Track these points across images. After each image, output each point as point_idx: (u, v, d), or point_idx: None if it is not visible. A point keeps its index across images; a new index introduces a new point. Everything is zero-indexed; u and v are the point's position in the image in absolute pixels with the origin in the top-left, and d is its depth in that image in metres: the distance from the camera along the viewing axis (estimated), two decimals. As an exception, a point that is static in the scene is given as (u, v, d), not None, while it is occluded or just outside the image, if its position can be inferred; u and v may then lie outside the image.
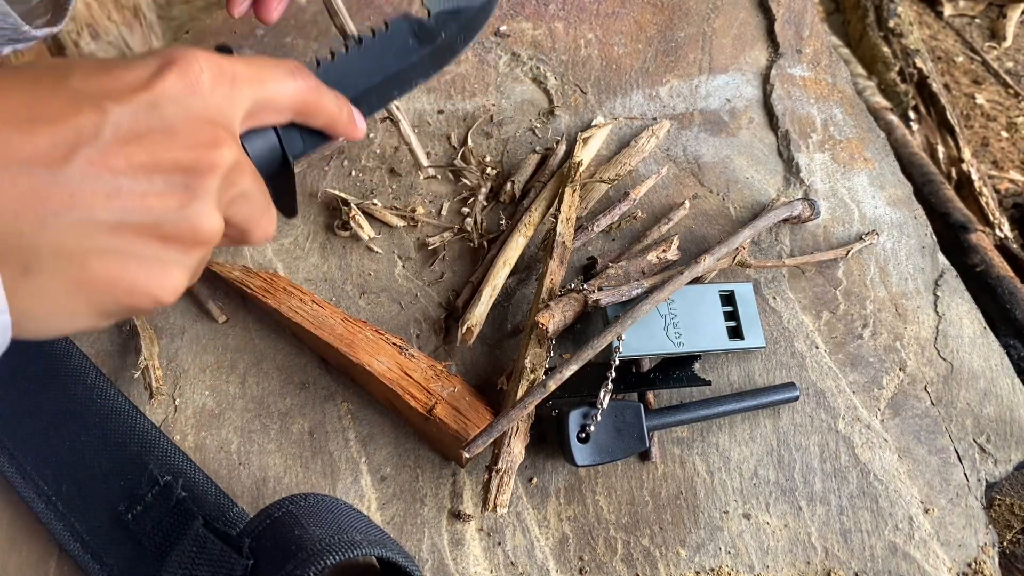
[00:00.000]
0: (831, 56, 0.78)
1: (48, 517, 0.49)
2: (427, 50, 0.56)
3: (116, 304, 0.33)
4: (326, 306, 0.56)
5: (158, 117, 0.33)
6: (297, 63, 0.43)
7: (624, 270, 0.57)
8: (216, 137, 0.34)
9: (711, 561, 0.51)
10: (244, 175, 0.36)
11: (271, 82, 0.40)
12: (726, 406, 0.54)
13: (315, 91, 0.44)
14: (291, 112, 0.43)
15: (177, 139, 0.33)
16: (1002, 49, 1.21)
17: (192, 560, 0.40)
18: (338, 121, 0.47)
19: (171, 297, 0.34)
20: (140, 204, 0.32)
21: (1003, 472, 0.56)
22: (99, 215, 0.31)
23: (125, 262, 0.32)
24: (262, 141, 0.43)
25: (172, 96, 0.34)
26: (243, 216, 0.38)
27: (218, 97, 0.36)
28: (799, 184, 0.68)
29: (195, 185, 0.33)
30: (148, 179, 0.32)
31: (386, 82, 0.54)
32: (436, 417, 0.49)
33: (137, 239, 0.32)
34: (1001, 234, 0.90)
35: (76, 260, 0.31)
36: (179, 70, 0.34)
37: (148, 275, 0.33)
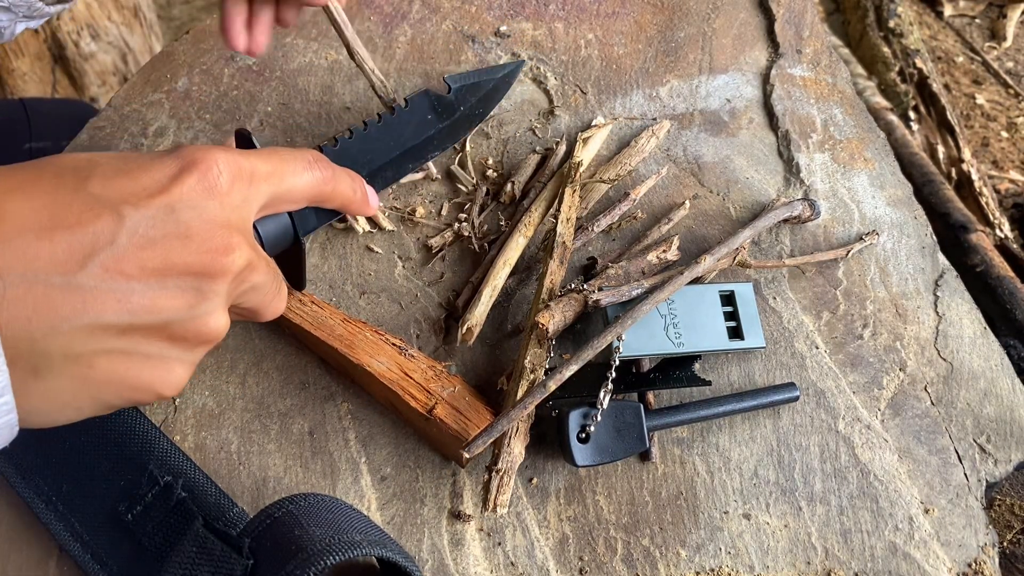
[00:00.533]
0: (831, 56, 0.78)
1: (48, 517, 0.48)
2: (446, 124, 0.57)
3: (119, 398, 0.34)
4: (325, 307, 0.56)
5: (174, 221, 0.34)
6: (316, 153, 0.44)
7: (624, 270, 0.57)
8: (230, 243, 0.35)
9: (711, 561, 0.51)
10: (255, 272, 0.37)
11: (289, 176, 0.41)
12: (726, 406, 0.54)
13: (331, 181, 0.45)
14: (306, 201, 0.44)
15: (192, 244, 0.34)
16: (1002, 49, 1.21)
17: (192, 560, 0.40)
18: (352, 203, 0.48)
19: (173, 391, 0.35)
20: (150, 307, 0.33)
21: (1003, 472, 0.56)
22: (109, 318, 0.32)
23: (131, 361, 0.33)
24: (275, 224, 0.44)
25: (189, 201, 0.34)
26: (254, 303, 0.39)
27: (235, 199, 0.37)
28: (799, 184, 0.68)
29: (205, 288, 0.34)
30: (160, 283, 0.33)
31: (403, 156, 0.56)
32: (436, 417, 0.49)
33: (145, 339, 0.33)
34: (1001, 234, 0.90)
35: (84, 361, 0.32)
36: (199, 173, 0.35)
37: (153, 373, 0.34)
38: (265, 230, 0.44)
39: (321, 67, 0.73)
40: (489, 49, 0.75)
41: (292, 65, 0.73)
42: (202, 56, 0.74)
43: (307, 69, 0.73)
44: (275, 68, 0.73)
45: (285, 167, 0.41)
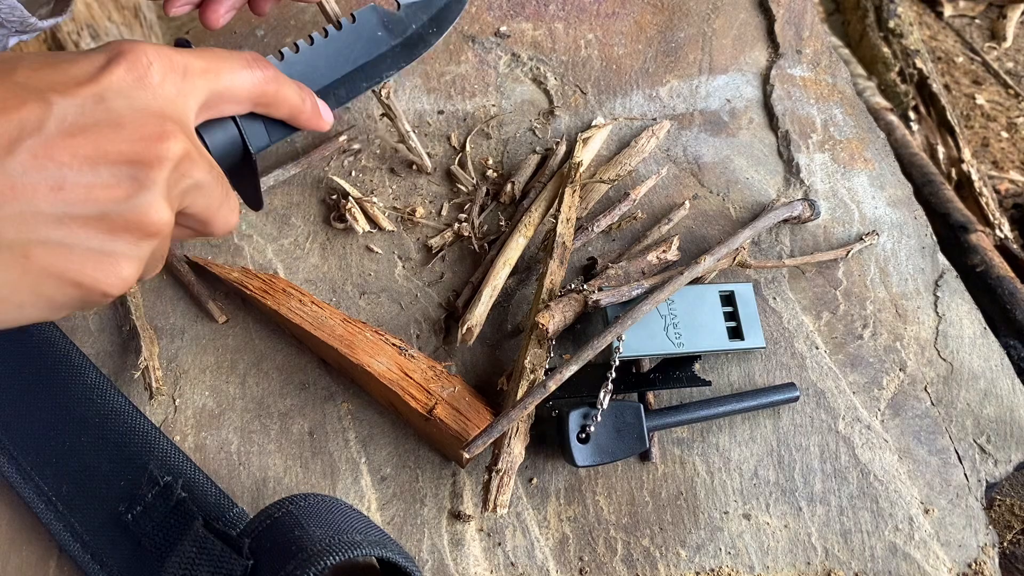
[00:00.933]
0: (831, 56, 0.78)
1: (48, 517, 0.49)
2: (397, 41, 0.55)
3: (64, 295, 0.33)
4: (325, 307, 0.56)
5: (104, 110, 0.33)
6: (255, 54, 0.43)
7: (624, 270, 0.57)
8: (164, 130, 0.34)
9: (711, 561, 0.51)
10: (196, 166, 0.36)
11: (226, 73, 0.40)
12: (726, 406, 0.54)
13: (274, 81, 0.43)
14: (249, 103, 0.42)
15: (124, 131, 0.33)
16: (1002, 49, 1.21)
17: (192, 560, 0.40)
18: (301, 112, 0.46)
19: (119, 289, 0.34)
20: (85, 196, 0.32)
21: (1003, 472, 0.56)
22: (42, 207, 0.31)
23: (70, 253, 0.32)
24: (222, 132, 0.43)
25: (119, 89, 0.34)
26: (200, 207, 0.38)
27: (168, 90, 0.36)
28: (799, 184, 0.68)
29: (142, 176, 0.33)
30: (93, 171, 0.32)
31: (354, 74, 0.53)
32: (436, 417, 0.49)
33: (83, 230, 0.32)
34: (1001, 234, 0.90)
35: (18, 250, 0.31)
36: (127, 63, 0.34)
37: (95, 266, 0.33)
38: (211, 138, 0.42)
39: (321, 67, 0.73)
40: (489, 49, 0.75)
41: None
42: (202, 56, 0.74)
43: (307, 69, 0.73)
44: (275, 68, 0.73)
45: (222, 64, 0.40)
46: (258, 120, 0.45)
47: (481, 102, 0.72)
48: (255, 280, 0.57)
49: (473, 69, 0.74)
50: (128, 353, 0.56)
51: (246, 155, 0.45)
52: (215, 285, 0.59)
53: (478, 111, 0.71)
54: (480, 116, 0.70)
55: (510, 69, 0.74)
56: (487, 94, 0.72)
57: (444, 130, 0.70)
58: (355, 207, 0.62)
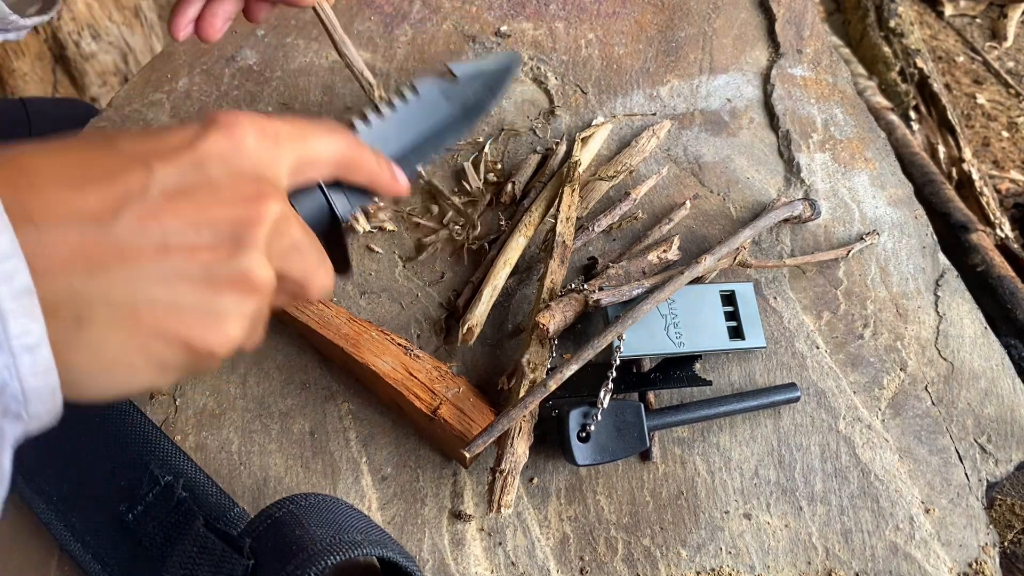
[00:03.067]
0: (832, 56, 0.78)
1: (49, 517, 0.49)
2: (457, 110, 0.58)
3: (174, 356, 0.34)
4: (331, 306, 0.56)
5: (204, 174, 0.34)
6: (334, 123, 0.45)
7: (625, 270, 0.57)
8: (261, 191, 0.36)
9: (712, 561, 0.51)
10: (292, 227, 0.38)
11: (312, 139, 0.42)
12: (727, 406, 0.54)
13: (355, 148, 0.45)
14: (333, 167, 0.44)
15: (223, 194, 0.34)
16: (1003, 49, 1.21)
17: (193, 560, 0.40)
18: (380, 176, 0.48)
19: (226, 348, 0.35)
20: (189, 256, 0.33)
21: (1004, 472, 0.55)
22: (149, 268, 0.32)
23: (178, 313, 0.33)
24: (310, 200, 0.45)
25: (216, 155, 0.35)
26: (298, 270, 0.39)
27: (262, 154, 0.37)
28: (800, 184, 0.68)
29: (243, 235, 0.34)
30: (196, 232, 0.33)
31: (422, 143, 0.56)
32: (440, 418, 0.49)
33: (189, 290, 0.33)
34: (1002, 234, 0.90)
35: (128, 311, 0.32)
36: (224, 132, 0.36)
37: (202, 325, 0.34)
38: (300, 206, 0.44)
39: (322, 67, 0.73)
40: (490, 49, 0.75)
41: (293, 65, 0.73)
42: (203, 56, 0.74)
43: (308, 69, 0.73)
44: (276, 68, 0.73)
45: (308, 130, 0.42)
46: (340, 189, 0.48)
47: (481, 102, 0.71)
48: None
49: (473, 69, 0.73)
50: (129, 353, 0.56)
51: (333, 221, 0.47)
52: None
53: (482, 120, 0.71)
54: (480, 116, 0.70)
55: (510, 69, 0.74)
56: (487, 94, 0.72)
57: (444, 130, 0.70)
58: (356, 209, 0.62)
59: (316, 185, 0.46)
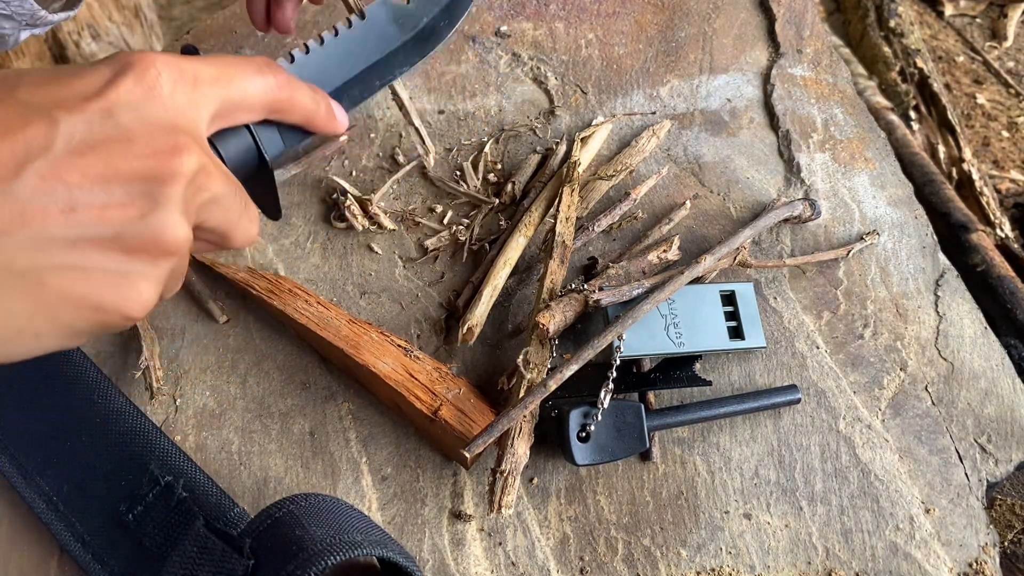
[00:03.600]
0: (832, 56, 0.78)
1: (49, 517, 0.49)
2: (408, 36, 0.54)
3: (84, 321, 0.32)
4: (331, 308, 0.56)
5: (113, 125, 0.32)
6: (266, 59, 0.42)
7: (625, 270, 0.57)
8: (177, 143, 0.33)
9: (712, 561, 0.51)
10: (213, 179, 0.35)
11: (237, 81, 0.39)
12: (727, 407, 0.54)
13: (287, 87, 0.42)
14: (263, 110, 0.41)
15: (135, 147, 0.32)
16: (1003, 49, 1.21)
17: (193, 560, 0.40)
18: (316, 116, 0.45)
19: (141, 311, 0.33)
20: (98, 216, 0.31)
21: (1004, 472, 0.55)
22: (54, 231, 0.30)
23: (87, 277, 0.31)
24: (236, 141, 0.42)
25: (128, 103, 0.32)
26: (218, 221, 0.37)
27: (179, 101, 0.35)
28: (800, 184, 0.68)
29: (156, 193, 0.32)
30: (105, 190, 0.31)
31: (367, 72, 0.52)
32: (441, 419, 0.49)
33: (98, 253, 0.31)
34: (1002, 234, 0.90)
35: (32, 278, 0.30)
36: (135, 75, 0.33)
37: (113, 289, 0.32)
38: (225, 148, 0.41)
39: (322, 67, 0.73)
40: (490, 49, 0.75)
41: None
42: (203, 56, 0.74)
43: (308, 69, 0.73)
44: (276, 68, 0.73)
45: (233, 71, 0.39)
46: (272, 127, 0.44)
47: (482, 102, 0.72)
48: (261, 280, 0.57)
49: (473, 69, 0.74)
50: (129, 353, 0.56)
51: (262, 163, 0.44)
52: (215, 285, 0.59)
53: (478, 111, 0.71)
54: (480, 116, 0.70)
55: (510, 69, 0.74)
56: (487, 94, 0.72)
57: (444, 130, 0.70)
58: (355, 206, 0.62)
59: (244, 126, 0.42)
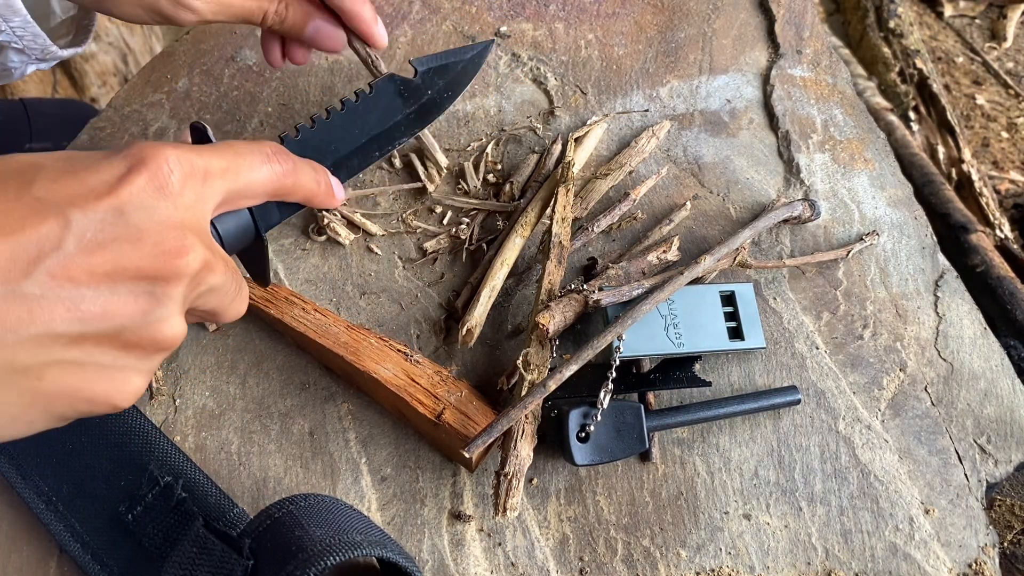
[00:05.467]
0: (831, 57, 0.78)
1: (48, 517, 0.48)
2: (412, 108, 0.55)
3: (72, 410, 0.32)
4: (328, 314, 0.56)
5: (124, 224, 0.32)
6: (274, 145, 0.42)
7: (624, 270, 0.57)
8: (183, 245, 0.33)
9: (711, 562, 0.51)
10: (213, 274, 0.36)
11: (245, 171, 0.39)
12: (727, 408, 0.54)
13: (292, 174, 0.43)
14: (266, 196, 0.42)
15: (143, 247, 0.32)
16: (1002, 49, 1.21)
17: (192, 561, 0.40)
18: (316, 195, 0.46)
19: (128, 402, 0.34)
20: (102, 314, 0.31)
21: (1003, 473, 0.55)
22: (59, 328, 0.30)
23: (84, 372, 0.31)
24: (235, 221, 0.42)
25: (139, 201, 0.33)
26: (212, 305, 0.38)
27: (188, 198, 0.35)
28: (799, 185, 0.68)
29: (159, 292, 0.33)
30: (111, 288, 0.31)
31: (369, 144, 0.54)
32: (445, 423, 0.49)
33: (97, 348, 0.31)
34: (1001, 234, 0.90)
35: (33, 373, 0.30)
36: (148, 173, 0.33)
37: (108, 383, 0.32)
38: (224, 228, 0.42)
39: (321, 67, 0.73)
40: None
41: (292, 66, 0.73)
42: (202, 56, 0.74)
43: (307, 70, 0.73)
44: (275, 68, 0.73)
45: (241, 162, 0.39)
46: (272, 204, 0.45)
47: (481, 102, 0.72)
48: (257, 290, 0.57)
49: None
50: (128, 353, 0.56)
51: (257, 236, 0.45)
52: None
53: (478, 111, 0.71)
54: (480, 116, 0.70)
55: (510, 69, 0.74)
56: (487, 94, 0.72)
57: (444, 130, 0.70)
58: (334, 221, 0.62)
59: None
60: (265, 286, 0.49)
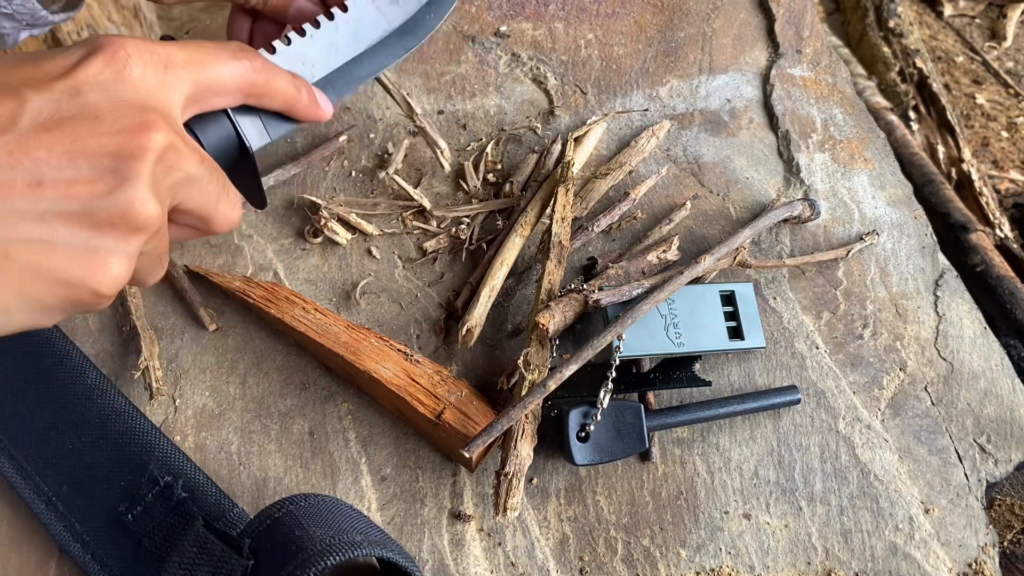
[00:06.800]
0: (831, 56, 0.78)
1: (48, 518, 0.49)
2: (394, 27, 0.54)
3: (53, 296, 0.32)
4: (329, 314, 0.56)
5: (81, 103, 0.32)
6: (241, 44, 0.42)
7: (624, 270, 0.57)
8: (145, 120, 0.33)
9: (711, 561, 0.51)
10: (184, 158, 0.35)
11: (211, 63, 0.39)
12: (727, 408, 0.54)
13: (263, 71, 0.42)
14: (239, 94, 0.41)
15: (102, 124, 0.32)
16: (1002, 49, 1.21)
17: (192, 561, 0.40)
18: (297, 101, 0.45)
19: (111, 287, 0.33)
20: (65, 191, 0.31)
21: (1003, 472, 0.56)
22: (20, 204, 0.30)
23: (54, 251, 0.31)
24: (216, 128, 0.42)
25: (96, 82, 0.33)
26: (196, 202, 0.37)
27: (148, 81, 0.35)
28: (799, 184, 0.68)
29: (124, 169, 0.32)
30: (72, 165, 0.31)
31: (352, 63, 0.52)
32: (445, 423, 0.49)
33: (65, 227, 0.31)
34: (1001, 234, 0.90)
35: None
36: (104, 57, 0.34)
37: (82, 264, 0.32)
38: (204, 134, 0.41)
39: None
40: (489, 49, 0.75)
41: None
42: (202, 56, 0.74)
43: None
44: (275, 68, 0.73)
45: (206, 55, 0.39)
46: (254, 115, 0.44)
47: (481, 102, 0.72)
48: (258, 289, 0.57)
49: (473, 69, 0.74)
50: (128, 353, 0.56)
51: (243, 151, 0.44)
52: (209, 288, 0.59)
53: (478, 111, 0.71)
54: (480, 116, 0.70)
55: (510, 69, 0.74)
56: (487, 94, 0.72)
57: (444, 130, 0.70)
58: (332, 220, 0.62)
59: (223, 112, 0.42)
60: (262, 207, 0.48)
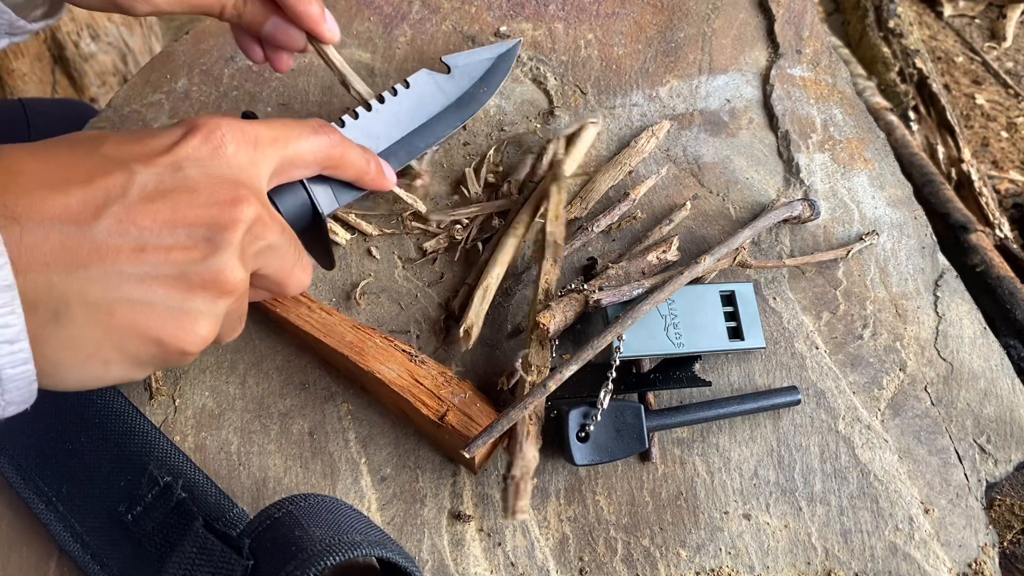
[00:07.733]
0: (831, 56, 0.78)
1: (48, 518, 0.48)
2: (452, 102, 0.60)
3: (146, 353, 0.35)
4: (334, 313, 0.56)
5: (182, 178, 0.36)
6: (320, 121, 0.46)
7: (624, 270, 0.57)
8: (237, 195, 0.37)
9: (711, 562, 0.51)
10: (269, 229, 0.39)
11: (294, 140, 0.43)
12: (727, 408, 0.54)
13: (339, 146, 0.46)
14: (317, 166, 0.46)
15: (199, 197, 0.36)
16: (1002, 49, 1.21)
17: (192, 561, 0.40)
18: (366, 173, 0.50)
19: (197, 345, 0.36)
20: (164, 257, 0.34)
21: (1003, 472, 0.56)
22: (125, 267, 0.33)
23: (151, 311, 0.35)
24: (292, 196, 0.46)
25: (195, 159, 0.37)
26: (274, 268, 0.41)
27: (241, 159, 0.39)
28: (799, 184, 0.68)
29: (217, 238, 0.36)
30: (172, 234, 0.35)
31: (412, 136, 0.58)
32: (448, 424, 0.49)
33: (162, 290, 0.35)
34: (1001, 234, 0.90)
35: (104, 309, 0.33)
36: (202, 136, 0.38)
37: (175, 324, 0.35)
38: (282, 202, 0.45)
39: (321, 68, 0.73)
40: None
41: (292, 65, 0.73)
42: (202, 57, 0.74)
43: (307, 70, 0.73)
44: (275, 68, 0.73)
45: (290, 132, 0.43)
46: (326, 184, 0.49)
47: (481, 102, 0.71)
48: None
49: (473, 69, 0.73)
50: (128, 353, 0.56)
51: (316, 217, 0.48)
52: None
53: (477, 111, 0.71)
54: (479, 116, 0.70)
55: (510, 69, 0.74)
56: (487, 94, 0.72)
57: (444, 130, 0.70)
58: (331, 221, 0.62)
59: (299, 182, 0.46)
60: (331, 268, 0.52)
